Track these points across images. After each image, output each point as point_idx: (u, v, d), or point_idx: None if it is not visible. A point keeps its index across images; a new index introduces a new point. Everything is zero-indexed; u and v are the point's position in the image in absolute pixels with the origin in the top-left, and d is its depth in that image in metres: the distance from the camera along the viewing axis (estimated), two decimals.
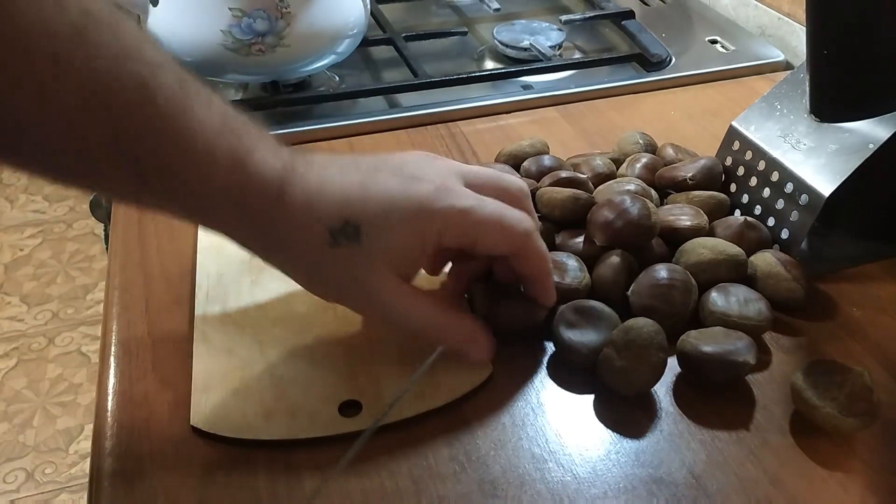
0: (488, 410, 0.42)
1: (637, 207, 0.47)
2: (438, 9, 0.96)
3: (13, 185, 2.14)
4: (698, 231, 0.50)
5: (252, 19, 0.64)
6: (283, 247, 0.39)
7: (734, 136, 0.56)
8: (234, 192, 0.37)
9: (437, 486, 0.38)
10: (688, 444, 0.40)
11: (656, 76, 0.76)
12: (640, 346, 0.41)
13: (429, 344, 0.42)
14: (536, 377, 0.44)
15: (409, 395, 0.42)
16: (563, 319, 0.44)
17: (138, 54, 0.34)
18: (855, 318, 0.48)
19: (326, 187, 0.39)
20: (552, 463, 0.39)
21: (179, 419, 0.41)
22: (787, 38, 0.82)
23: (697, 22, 0.87)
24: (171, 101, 0.34)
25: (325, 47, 0.68)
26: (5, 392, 1.55)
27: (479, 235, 0.41)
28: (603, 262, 0.47)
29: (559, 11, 0.92)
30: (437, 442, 0.40)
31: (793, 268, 0.48)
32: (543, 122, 0.70)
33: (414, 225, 0.39)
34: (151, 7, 0.67)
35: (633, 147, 0.60)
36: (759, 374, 0.44)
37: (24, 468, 1.42)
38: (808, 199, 0.50)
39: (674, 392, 0.43)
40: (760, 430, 0.41)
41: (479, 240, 0.41)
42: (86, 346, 1.66)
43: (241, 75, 0.70)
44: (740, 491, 0.38)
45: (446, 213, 0.39)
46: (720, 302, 0.45)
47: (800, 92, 0.54)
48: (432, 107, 0.70)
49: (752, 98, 0.58)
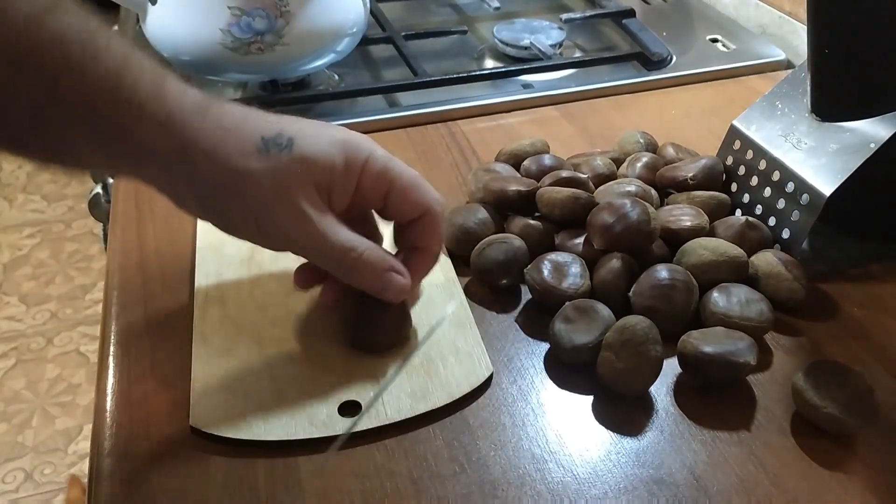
0: (488, 410, 0.42)
1: (637, 212, 0.47)
2: (438, 7, 0.96)
3: (11, 185, 2.14)
4: (699, 231, 0.50)
5: (251, 18, 0.63)
6: (210, 158, 0.38)
7: (735, 136, 0.56)
8: (159, 112, 0.37)
9: (437, 486, 0.38)
10: (689, 444, 0.40)
11: (657, 75, 0.76)
12: (637, 343, 0.41)
13: (348, 277, 0.42)
14: (536, 377, 0.44)
15: (410, 395, 0.42)
16: (562, 315, 0.44)
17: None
18: (856, 318, 0.48)
19: (252, 110, 0.41)
20: (552, 463, 0.39)
21: (178, 419, 0.41)
22: (789, 37, 0.82)
23: (698, 21, 0.87)
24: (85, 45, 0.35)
25: (324, 46, 0.68)
26: (4, 392, 1.55)
27: (396, 181, 0.42)
28: (604, 266, 0.47)
29: (559, 10, 0.92)
30: (437, 442, 0.40)
31: (794, 268, 0.48)
32: (544, 122, 0.69)
33: (344, 148, 0.41)
34: (150, 6, 0.66)
35: (634, 146, 0.60)
36: (760, 374, 0.44)
37: (22, 468, 1.42)
38: (809, 199, 0.50)
39: (674, 392, 0.43)
40: (761, 430, 0.41)
41: (394, 189, 0.42)
42: (84, 347, 1.65)
43: (241, 74, 0.70)
44: (741, 491, 0.38)
45: (374, 150, 0.42)
46: (721, 302, 0.45)
47: (801, 91, 0.54)
48: (432, 106, 0.70)
49: (753, 97, 0.58)
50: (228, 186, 0.39)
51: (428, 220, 0.43)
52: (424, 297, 0.48)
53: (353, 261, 0.41)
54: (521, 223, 0.51)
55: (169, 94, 0.37)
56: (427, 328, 0.46)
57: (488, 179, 0.54)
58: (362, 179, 0.42)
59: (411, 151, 0.65)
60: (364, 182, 0.42)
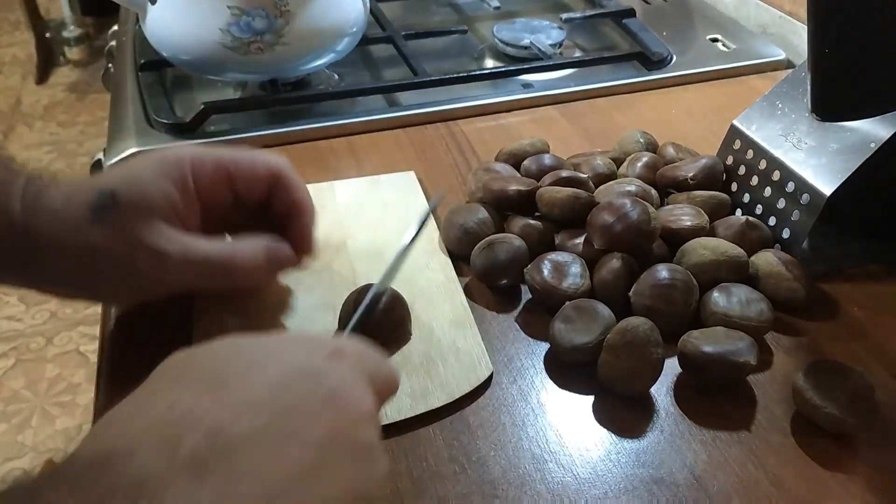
0: (488, 410, 0.42)
1: (637, 212, 0.47)
2: (438, 7, 0.96)
3: None
4: (699, 231, 0.50)
5: (251, 17, 0.63)
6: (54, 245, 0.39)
7: (735, 135, 0.56)
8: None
9: (437, 486, 0.38)
10: (689, 444, 0.40)
11: (657, 75, 0.75)
12: (638, 345, 0.41)
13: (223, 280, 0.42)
14: (536, 377, 0.44)
15: (409, 395, 0.41)
16: (562, 314, 0.44)
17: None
18: (856, 317, 0.48)
19: (77, 182, 0.40)
20: (552, 463, 0.39)
21: None
22: (789, 36, 0.82)
23: (698, 20, 0.87)
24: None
25: (324, 45, 0.68)
26: (4, 392, 1.55)
27: (230, 166, 0.42)
28: (604, 266, 0.47)
29: (559, 10, 0.92)
30: (437, 442, 0.40)
31: (794, 267, 0.48)
32: (544, 121, 0.69)
33: (165, 169, 0.41)
34: (150, 5, 0.66)
35: (634, 146, 0.60)
36: (761, 374, 0.44)
37: (22, 468, 1.41)
38: (809, 199, 0.50)
39: (675, 392, 0.43)
40: (761, 430, 0.41)
41: (233, 173, 0.42)
42: (84, 346, 1.65)
43: (240, 74, 0.70)
44: (741, 491, 0.38)
45: (194, 153, 0.42)
46: (721, 302, 0.45)
47: (801, 91, 0.54)
48: (432, 105, 0.70)
49: (754, 97, 0.58)
50: (79, 263, 0.40)
51: (282, 183, 0.44)
52: (424, 297, 0.48)
53: (228, 264, 0.42)
54: (521, 223, 0.51)
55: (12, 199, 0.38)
56: (427, 328, 0.46)
57: (488, 179, 0.54)
58: (199, 183, 0.42)
59: (411, 151, 0.65)
60: (202, 185, 0.42)
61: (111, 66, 0.83)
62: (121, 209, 0.39)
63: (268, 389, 0.27)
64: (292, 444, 0.26)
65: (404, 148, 0.65)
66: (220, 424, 0.25)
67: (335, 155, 0.65)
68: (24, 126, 2.33)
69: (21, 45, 2.75)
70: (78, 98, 2.47)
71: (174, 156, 0.42)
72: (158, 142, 0.64)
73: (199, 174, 0.42)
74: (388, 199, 0.57)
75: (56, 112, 2.40)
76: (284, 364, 0.28)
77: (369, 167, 0.63)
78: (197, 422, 0.25)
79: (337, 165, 0.63)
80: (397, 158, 0.64)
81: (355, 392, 0.29)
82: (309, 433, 0.26)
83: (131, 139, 0.65)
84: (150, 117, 0.67)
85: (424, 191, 0.58)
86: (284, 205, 0.45)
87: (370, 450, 0.28)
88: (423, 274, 0.50)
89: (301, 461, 0.26)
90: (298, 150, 0.65)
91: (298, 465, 0.26)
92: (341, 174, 0.62)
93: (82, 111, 2.40)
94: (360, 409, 0.29)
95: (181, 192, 0.41)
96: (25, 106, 2.43)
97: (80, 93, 2.50)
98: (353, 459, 0.27)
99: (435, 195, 0.47)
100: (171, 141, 0.64)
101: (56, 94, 2.49)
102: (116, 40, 0.86)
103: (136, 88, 0.72)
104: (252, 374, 0.28)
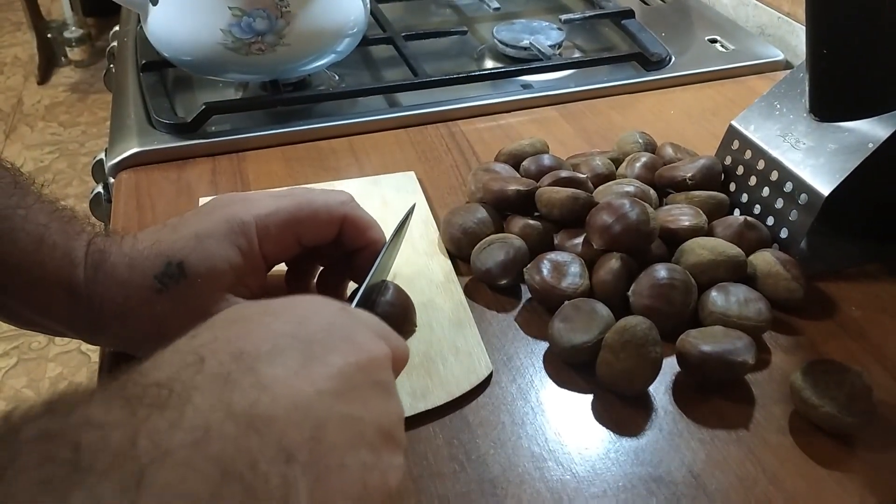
0: (488, 409, 0.42)
1: (636, 212, 0.47)
2: (438, 8, 0.96)
3: None
4: (698, 231, 0.50)
5: (252, 18, 0.64)
6: (119, 313, 0.39)
7: (733, 136, 0.56)
8: (63, 277, 0.39)
9: (437, 485, 0.38)
10: (687, 443, 0.40)
11: (656, 75, 0.76)
12: (637, 344, 0.41)
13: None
14: (536, 376, 0.44)
15: (409, 394, 0.42)
16: (561, 314, 0.45)
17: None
18: (854, 317, 0.48)
19: (140, 243, 0.40)
20: (552, 462, 0.39)
21: None
22: (787, 37, 0.82)
23: (697, 21, 0.87)
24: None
25: (324, 46, 0.68)
26: (5, 391, 1.55)
27: (296, 224, 0.41)
28: (603, 266, 0.47)
29: (559, 11, 0.92)
30: (436, 441, 0.40)
31: (792, 267, 0.48)
32: (543, 122, 0.70)
33: (232, 235, 0.40)
34: (151, 6, 0.67)
35: (633, 146, 0.60)
36: (759, 373, 0.44)
37: None
38: (807, 199, 0.50)
39: (673, 391, 0.43)
40: (760, 429, 0.41)
41: (299, 229, 0.42)
42: (86, 346, 1.66)
43: (241, 74, 0.70)
44: (739, 490, 0.38)
45: (259, 208, 0.41)
46: (720, 301, 0.45)
47: (799, 91, 0.54)
48: (432, 106, 0.70)
49: (752, 97, 0.58)
50: (143, 331, 0.40)
51: (351, 222, 0.43)
52: (425, 297, 0.48)
53: None
54: (521, 223, 0.51)
55: (75, 266, 0.39)
56: (427, 327, 0.46)
57: (488, 179, 0.54)
58: (265, 248, 0.41)
59: (411, 151, 0.65)
60: (268, 248, 0.41)
61: (112, 67, 0.84)
62: (187, 279, 0.39)
63: (289, 325, 0.28)
64: (315, 365, 0.27)
65: (404, 148, 0.66)
66: (244, 348, 0.26)
67: (336, 155, 0.65)
68: (26, 126, 2.33)
69: (23, 46, 2.76)
70: (79, 98, 2.48)
71: (239, 219, 0.40)
72: (160, 142, 0.64)
73: (265, 238, 0.41)
74: (389, 199, 0.58)
75: (58, 112, 2.40)
76: (303, 307, 0.30)
77: (370, 167, 0.63)
78: (221, 346, 0.26)
79: (337, 166, 0.64)
80: (397, 159, 0.64)
81: (371, 338, 0.30)
82: (331, 359, 0.27)
83: (133, 139, 0.65)
84: (151, 117, 0.67)
85: (424, 191, 0.59)
86: (356, 242, 0.44)
87: (389, 389, 0.29)
88: (423, 274, 0.50)
89: (326, 380, 0.26)
90: (299, 151, 0.65)
91: (324, 382, 0.26)
92: (342, 174, 0.62)
93: (84, 111, 2.41)
94: (376, 352, 0.30)
95: (247, 258, 0.40)
96: (27, 106, 2.44)
97: (81, 93, 2.50)
98: (374, 391, 0.28)
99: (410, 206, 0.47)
100: (173, 141, 0.65)
101: (57, 95, 2.49)
102: (118, 41, 0.86)
103: (138, 89, 0.73)
104: (271, 315, 0.29)
